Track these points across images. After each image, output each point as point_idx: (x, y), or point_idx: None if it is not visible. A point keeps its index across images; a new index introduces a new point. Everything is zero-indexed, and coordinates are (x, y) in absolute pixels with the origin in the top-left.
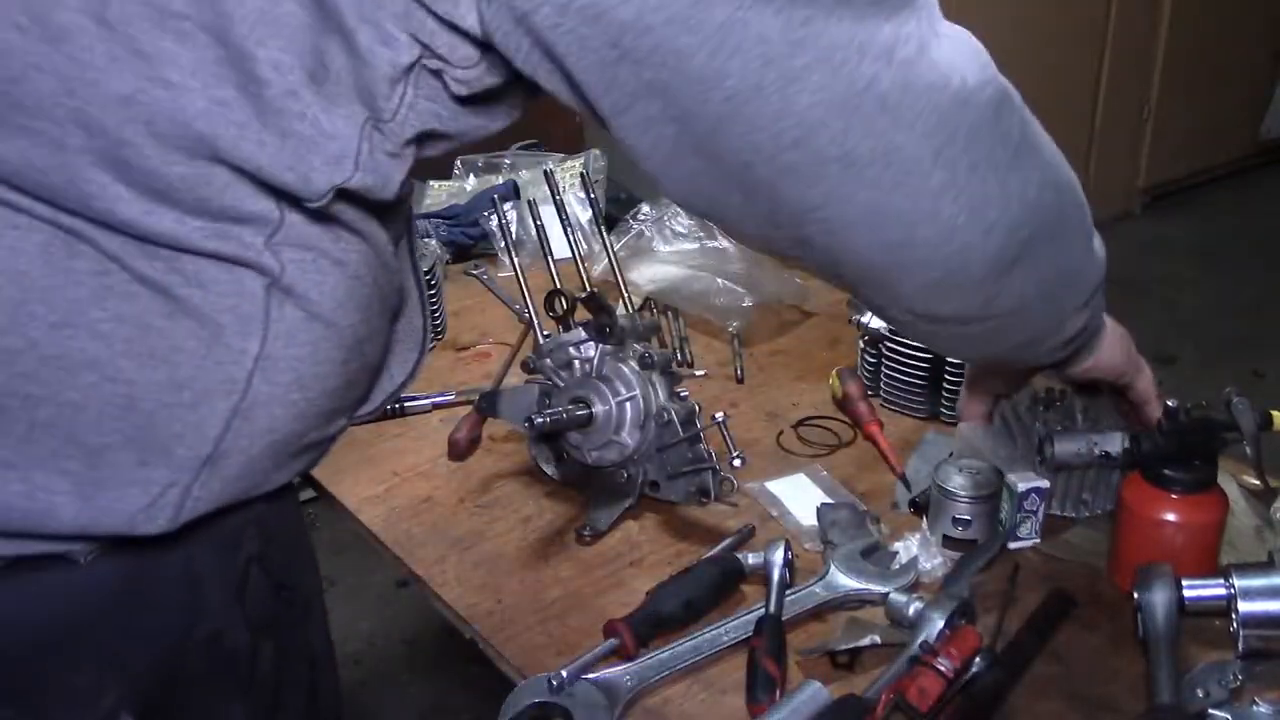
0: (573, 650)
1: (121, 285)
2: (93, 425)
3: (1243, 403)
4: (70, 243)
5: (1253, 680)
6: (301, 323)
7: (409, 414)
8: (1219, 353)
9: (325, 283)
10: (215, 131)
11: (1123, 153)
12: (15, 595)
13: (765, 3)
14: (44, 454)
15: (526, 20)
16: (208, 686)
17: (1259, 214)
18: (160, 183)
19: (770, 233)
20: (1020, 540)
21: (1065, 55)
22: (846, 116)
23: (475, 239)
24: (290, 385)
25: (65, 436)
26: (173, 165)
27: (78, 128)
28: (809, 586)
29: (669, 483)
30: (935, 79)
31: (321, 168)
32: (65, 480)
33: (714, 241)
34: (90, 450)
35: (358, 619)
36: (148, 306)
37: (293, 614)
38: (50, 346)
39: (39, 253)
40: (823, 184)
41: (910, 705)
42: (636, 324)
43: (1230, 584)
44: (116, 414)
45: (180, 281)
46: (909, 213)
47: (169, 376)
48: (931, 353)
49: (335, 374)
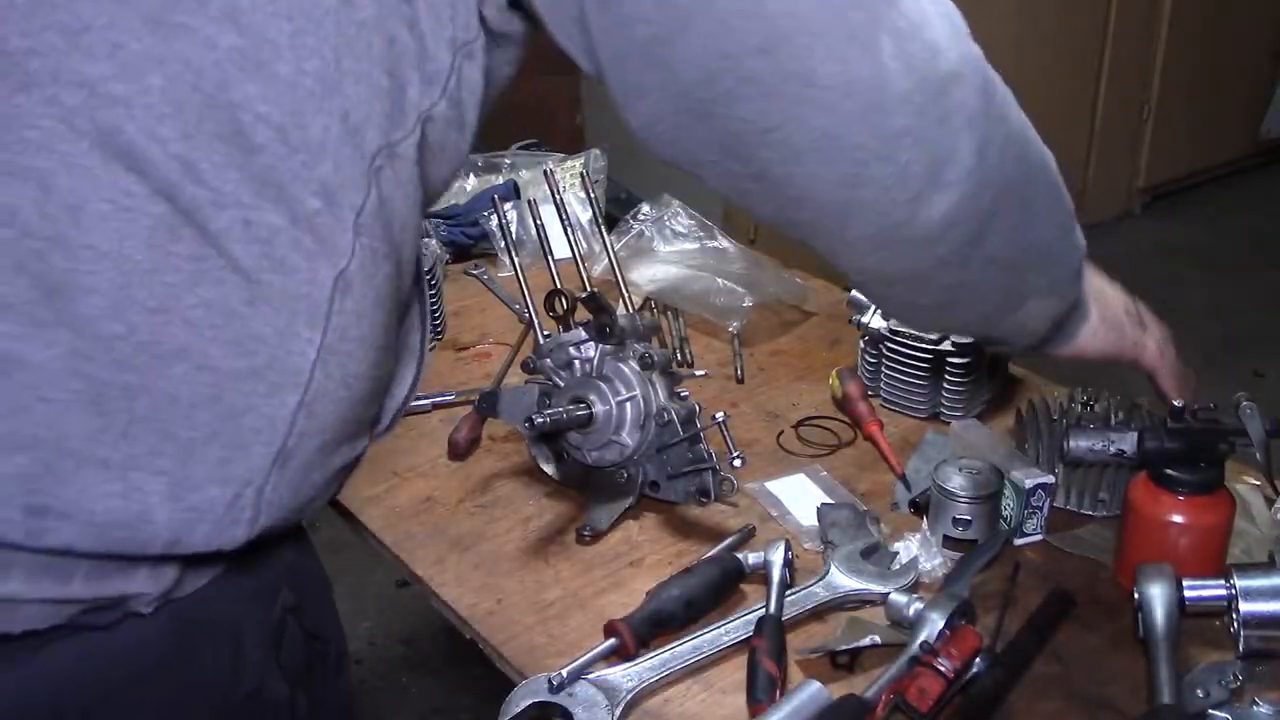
0: (573, 650)
1: (215, 271)
2: (185, 418)
3: (1251, 407)
4: (175, 226)
5: (1253, 680)
6: (353, 318)
7: (409, 414)
8: (1219, 353)
9: (376, 276)
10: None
11: (1123, 153)
12: (71, 656)
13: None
14: (142, 451)
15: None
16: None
17: (1259, 214)
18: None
19: (731, 165)
20: (1026, 536)
21: (1065, 55)
22: (815, 35)
23: (475, 239)
24: (340, 382)
25: (161, 431)
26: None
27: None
28: (809, 586)
29: (669, 483)
30: (908, 25)
31: (419, 84)
32: (160, 480)
33: (714, 241)
34: (181, 446)
35: (358, 619)
36: (233, 293)
37: (325, 666)
38: (147, 333)
39: (145, 235)
40: (781, 101)
41: (910, 705)
42: (636, 324)
43: (1231, 584)
44: (205, 405)
45: (268, 266)
46: (864, 147)
47: (249, 365)
48: (932, 353)
49: (370, 375)
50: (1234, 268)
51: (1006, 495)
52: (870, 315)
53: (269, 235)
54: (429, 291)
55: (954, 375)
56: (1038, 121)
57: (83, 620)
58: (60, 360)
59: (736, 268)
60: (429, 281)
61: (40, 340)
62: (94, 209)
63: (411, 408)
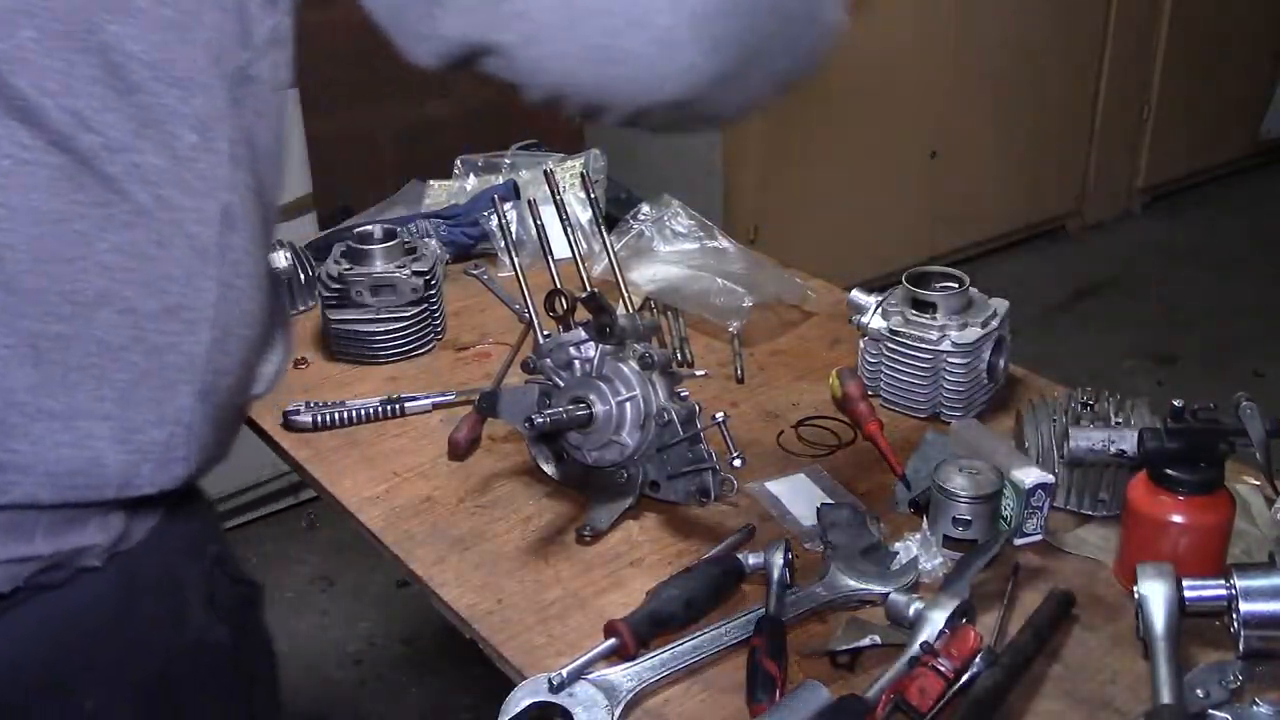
0: (573, 650)
1: (121, 215)
2: (116, 362)
3: (1251, 408)
4: (75, 174)
5: (1253, 680)
6: (243, 254)
7: (409, 414)
8: (1219, 353)
9: (253, 213)
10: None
11: (1123, 153)
12: (33, 618)
13: None
14: (84, 399)
15: None
16: (198, 686)
17: (1259, 214)
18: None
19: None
20: (1026, 536)
21: (1065, 55)
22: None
23: (475, 239)
24: (240, 320)
25: (98, 378)
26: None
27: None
28: (809, 586)
29: (669, 483)
30: None
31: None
32: (105, 425)
33: (714, 241)
34: (119, 390)
35: (358, 619)
36: (142, 235)
37: (251, 608)
38: (68, 281)
39: (48, 186)
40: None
41: (910, 705)
42: (636, 324)
43: (1231, 584)
44: (132, 347)
45: (162, 206)
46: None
47: (163, 304)
48: (932, 353)
49: (262, 317)
50: (1234, 268)
51: (1006, 495)
52: (870, 315)
53: (157, 176)
54: (430, 291)
55: (954, 375)
56: (1038, 122)
57: (40, 580)
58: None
59: (736, 268)
60: (428, 282)
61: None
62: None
63: (411, 408)
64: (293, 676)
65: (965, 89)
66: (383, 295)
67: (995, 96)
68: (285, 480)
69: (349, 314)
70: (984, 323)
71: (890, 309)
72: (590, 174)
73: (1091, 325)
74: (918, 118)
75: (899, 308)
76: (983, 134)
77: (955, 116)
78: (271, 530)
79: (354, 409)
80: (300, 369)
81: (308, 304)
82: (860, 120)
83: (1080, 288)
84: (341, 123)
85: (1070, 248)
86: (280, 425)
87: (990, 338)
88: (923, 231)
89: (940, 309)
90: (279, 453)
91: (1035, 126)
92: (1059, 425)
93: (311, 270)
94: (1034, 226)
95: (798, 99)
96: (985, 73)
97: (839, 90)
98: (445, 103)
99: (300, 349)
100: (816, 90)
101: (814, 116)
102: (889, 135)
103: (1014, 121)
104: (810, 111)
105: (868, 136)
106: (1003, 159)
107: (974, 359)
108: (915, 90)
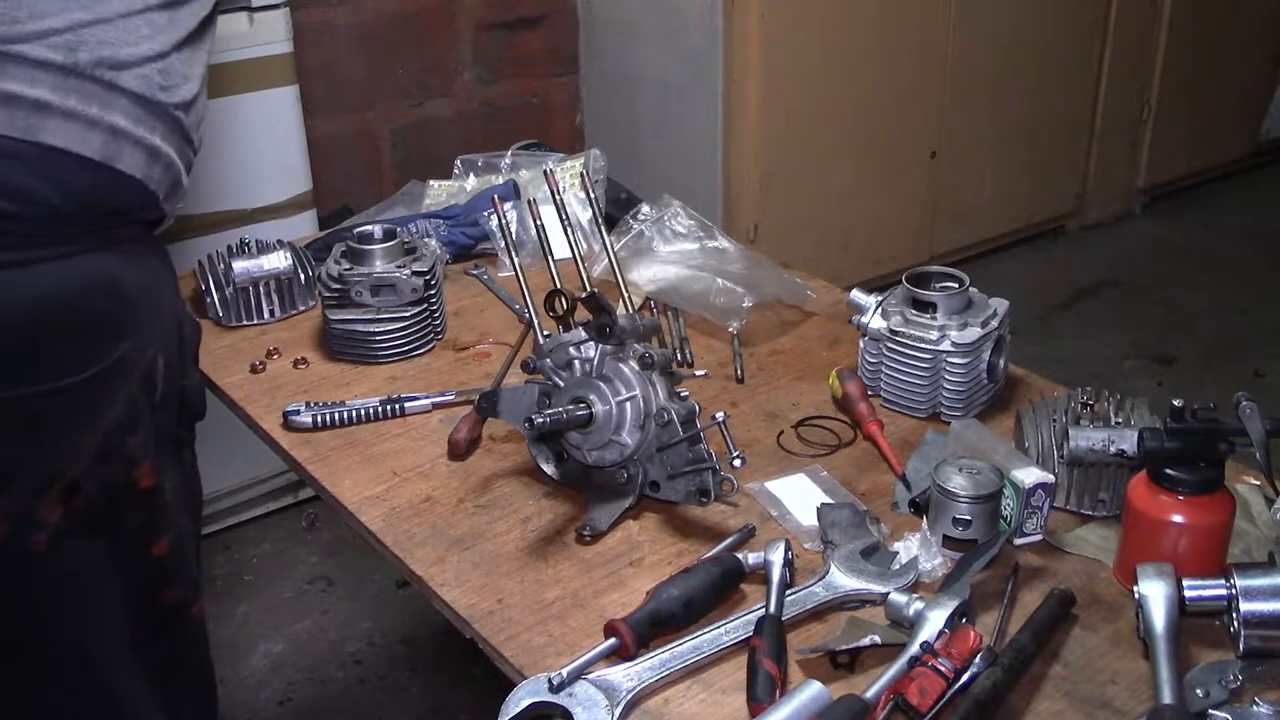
0: (573, 650)
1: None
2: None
3: (1251, 408)
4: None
5: (1253, 680)
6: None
7: (409, 414)
8: (1219, 353)
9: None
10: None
11: (1123, 153)
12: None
13: None
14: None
15: None
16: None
17: (1259, 214)
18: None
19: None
20: (1026, 536)
21: (1065, 55)
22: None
23: (475, 239)
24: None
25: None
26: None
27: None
28: (809, 586)
29: (669, 483)
30: None
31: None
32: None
33: (714, 241)
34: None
35: (358, 619)
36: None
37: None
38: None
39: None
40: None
41: (910, 705)
42: (636, 324)
43: (1231, 584)
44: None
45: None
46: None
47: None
48: (932, 353)
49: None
50: (1234, 268)
51: (1006, 495)
52: (870, 315)
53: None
54: (430, 291)
55: (954, 375)
56: (1038, 122)
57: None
58: None
59: (736, 268)
60: (428, 282)
61: None
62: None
63: (411, 408)
64: (293, 676)
65: (965, 89)
66: (383, 295)
67: (995, 96)
68: (285, 480)
69: (349, 314)
70: (984, 323)
71: (890, 309)
72: (590, 174)
73: (1091, 325)
74: (918, 118)
75: (899, 308)
76: (983, 134)
77: (955, 116)
78: (271, 530)
79: (354, 409)
80: (300, 369)
81: (308, 304)
82: (860, 120)
83: (1080, 288)
84: (341, 123)
85: (1070, 248)
86: (280, 425)
87: (990, 338)
88: (923, 231)
89: (940, 309)
90: (279, 453)
91: (1035, 126)
92: (1059, 425)
93: (311, 270)
94: (1034, 226)
95: (798, 98)
96: (985, 73)
97: (839, 90)
98: (445, 103)
99: (300, 349)
100: (817, 90)
101: (814, 116)
102: (889, 135)
103: (1014, 121)
104: (810, 111)
105: (868, 136)
106: (1003, 159)
107: (974, 359)
108: (915, 90)
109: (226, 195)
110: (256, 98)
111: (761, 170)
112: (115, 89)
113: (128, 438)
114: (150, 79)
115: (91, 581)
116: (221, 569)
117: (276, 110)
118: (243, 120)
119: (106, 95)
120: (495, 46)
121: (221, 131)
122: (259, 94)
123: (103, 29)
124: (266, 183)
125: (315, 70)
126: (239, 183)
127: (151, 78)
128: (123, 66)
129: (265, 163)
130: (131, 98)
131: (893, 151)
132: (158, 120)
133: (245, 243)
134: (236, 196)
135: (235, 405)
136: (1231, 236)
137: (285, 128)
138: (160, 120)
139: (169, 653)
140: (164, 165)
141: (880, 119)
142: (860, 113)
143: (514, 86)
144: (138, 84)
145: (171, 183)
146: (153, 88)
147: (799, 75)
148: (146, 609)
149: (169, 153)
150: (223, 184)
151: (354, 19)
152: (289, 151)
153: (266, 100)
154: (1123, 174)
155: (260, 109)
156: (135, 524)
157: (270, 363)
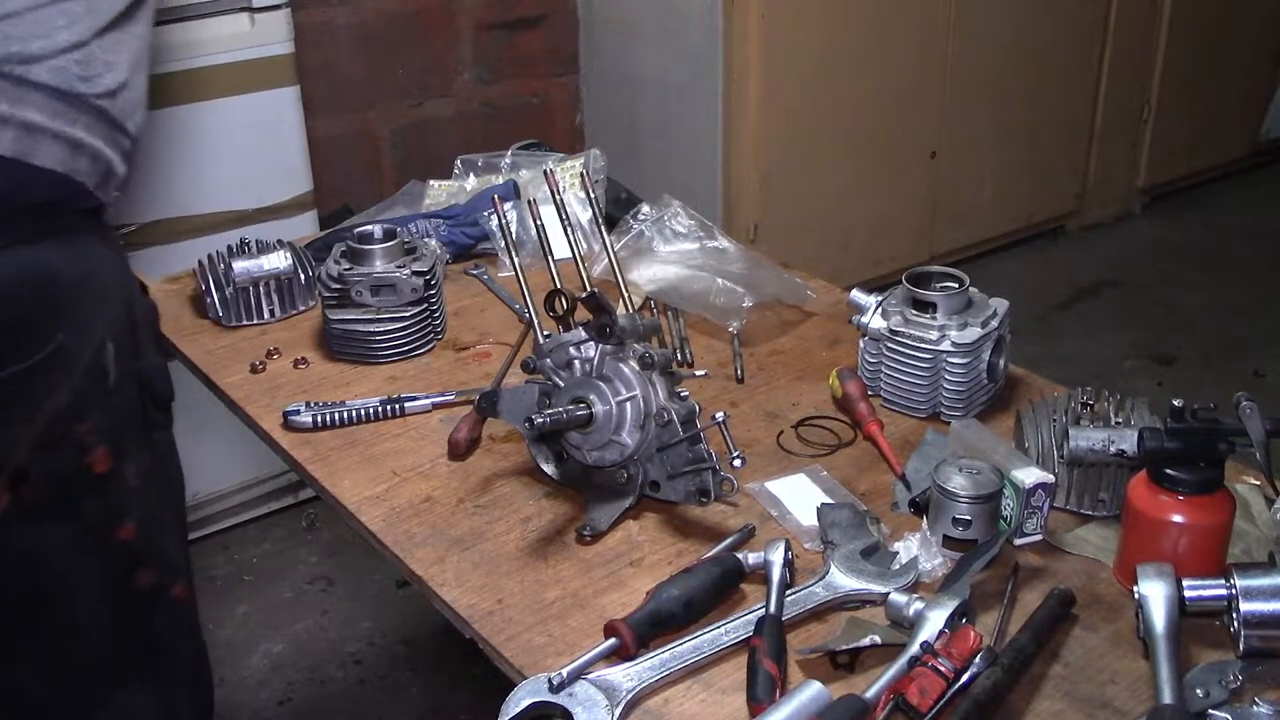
0: (573, 650)
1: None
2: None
3: (1251, 408)
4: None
5: (1253, 680)
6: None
7: (409, 414)
8: (1219, 353)
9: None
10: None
11: (1123, 153)
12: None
13: None
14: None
15: None
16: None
17: (1259, 214)
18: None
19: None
20: (1026, 536)
21: (1065, 55)
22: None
23: (475, 239)
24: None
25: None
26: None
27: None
28: (809, 586)
29: (669, 483)
30: None
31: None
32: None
33: (714, 241)
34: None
35: (358, 619)
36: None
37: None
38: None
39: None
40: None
41: (910, 705)
42: (636, 324)
43: (1231, 584)
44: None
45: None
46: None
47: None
48: (932, 353)
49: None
50: (1234, 268)
51: (1006, 495)
52: (870, 315)
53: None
54: (430, 291)
55: (954, 375)
56: (1038, 122)
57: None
58: None
59: (736, 268)
60: (429, 281)
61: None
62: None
63: (411, 408)
64: (293, 676)
65: (965, 89)
66: (383, 295)
67: (995, 96)
68: (285, 480)
69: (349, 314)
70: (984, 323)
71: (890, 309)
72: (590, 174)
73: (1091, 325)
74: (918, 118)
75: (899, 308)
76: (983, 134)
77: (955, 116)
78: (271, 530)
79: (354, 409)
80: (300, 369)
81: (308, 304)
82: (860, 120)
83: (1080, 288)
84: (342, 123)
85: (1070, 248)
86: (280, 425)
87: (990, 338)
88: (923, 231)
89: (940, 309)
90: (279, 453)
91: (1035, 126)
92: (1059, 425)
93: (311, 270)
94: (1034, 226)
95: (798, 98)
96: (985, 73)
97: (839, 90)
98: (445, 103)
99: (300, 349)
100: (817, 90)
101: (814, 116)
102: (889, 135)
103: (1014, 121)
104: (810, 111)
105: (868, 136)
106: (1003, 159)
107: (974, 359)
108: (915, 90)
109: (227, 195)
110: (257, 98)
111: (761, 170)
112: (26, 84)
113: (75, 425)
114: (67, 71)
115: (57, 566)
116: (221, 569)
117: (277, 110)
118: (243, 120)
119: (17, 91)
120: (495, 46)
121: (222, 131)
122: (260, 94)
123: (10, 23)
124: (267, 183)
125: (316, 70)
126: (239, 183)
127: (68, 69)
128: (34, 60)
129: (266, 163)
130: (46, 91)
131: (893, 151)
132: (79, 112)
133: (245, 243)
134: (237, 196)
135: (235, 405)
136: (1231, 236)
137: (286, 128)
138: (81, 112)
139: (153, 636)
140: (90, 156)
141: (880, 119)
142: (860, 113)
143: (514, 86)
144: (52, 77)
145: (102, 173)
146: (70, 79)
147: (799, 75)
148: (120, 592)
149: (94, 144)
150: (223, 184)
151: (354, 19)
152: (289, 151)
153: (267, 100)
154: (1123, 174)
155: (261, 109)
156: (94, 509)
157: (270, 363)
